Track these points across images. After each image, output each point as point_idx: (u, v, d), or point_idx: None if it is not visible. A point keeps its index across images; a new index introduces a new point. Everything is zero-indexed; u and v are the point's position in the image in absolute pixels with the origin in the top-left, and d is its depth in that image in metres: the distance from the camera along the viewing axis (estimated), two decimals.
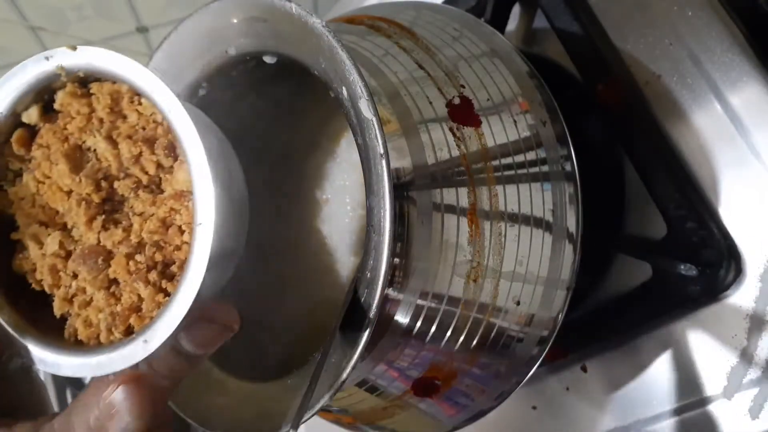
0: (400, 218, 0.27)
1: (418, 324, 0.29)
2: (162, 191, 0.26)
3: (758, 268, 0.33)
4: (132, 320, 0.25)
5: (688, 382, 0.35)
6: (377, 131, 0.25)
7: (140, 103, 0.26)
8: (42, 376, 0.30)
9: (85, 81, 0.26)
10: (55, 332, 0.26)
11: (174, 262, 0.25)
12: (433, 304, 0.29)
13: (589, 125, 0.39)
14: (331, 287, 0.41)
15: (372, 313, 0.25)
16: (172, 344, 0.24)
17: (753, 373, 0.33)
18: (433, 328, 0.29)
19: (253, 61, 0.33)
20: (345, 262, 0.41)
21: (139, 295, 0.25)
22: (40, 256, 0.27)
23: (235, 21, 0.31)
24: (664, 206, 0.35)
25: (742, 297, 0.33)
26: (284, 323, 0.40)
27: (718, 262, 0.33)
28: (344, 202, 0.41)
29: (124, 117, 0.26)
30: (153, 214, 0.26)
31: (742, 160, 0.33)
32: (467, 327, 0.30)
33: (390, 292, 0.28)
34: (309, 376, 0.27)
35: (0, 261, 0.27)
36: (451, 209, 0.29)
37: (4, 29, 0.59)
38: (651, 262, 0.36)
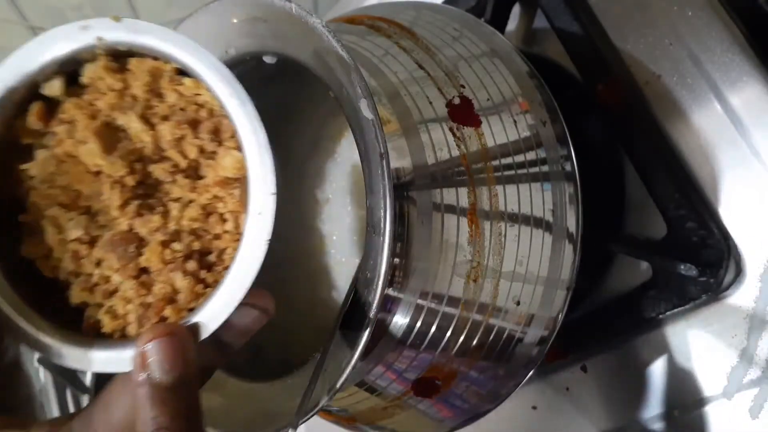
0: (400, 218, 0.27)
1: (418, 324, 0.29)
2: (200, 177, 0.25)
3: (758, 268, 0.33)
4: (167, 312, 0.24)
5: (688, 382, 0.35)
6: (377, 131, 0.25)
7: (181, 83, 0.24)
8: (42, 376, 0.29)
9: (118, 55, 0.25)
10: (65, 324, 0.25)
11: (211, 252, 0.24)
12: (433, 304, 0.29)
13: (589, 125, 0.39)
14: (332, 287, 0.41)
15: (372, 313, 0.25)
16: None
17: (753, 373, 0.33)
18: (433, 328, 0.29)
19: (253, 61, 0.33)
20: (345, 262, 0.41)
21: (173, 286, 0.24)
22: (58, 241, 0.24)
23: (235, 21, 0.31)
24: (664, 206, 0.35)
25: (742, 297, 0.33)
26: (284, 323, 0.40)
27: (718, 262, 0.33)
28: (345, 202, 0.41)
29: (161, 96, 0.25)
30: (192, 201, 0.24)
31: (742, 160, 0.33)
32: (467, 327, 0.30)
33: (390, 292, 0.28)
34: (309, 376, 0.27)
35: (1, 245, 0.25)
36: (451, 209, 0.29)
37: (4, 29, 0.59)
38: (651, 262, 0.36)
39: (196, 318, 0.23)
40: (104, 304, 0.24)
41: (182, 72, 0.24)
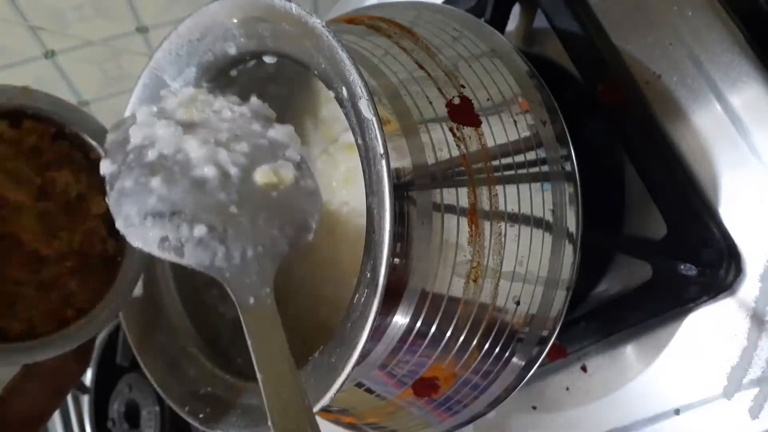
0: (400, 218, 0.27)
1: (418, 324, 0.29)
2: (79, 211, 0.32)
3: (758, 268, 0.33)
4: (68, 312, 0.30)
5: (688, 382, 0.35)
6: (377, 131, 0.25)
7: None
8: None
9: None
10: None
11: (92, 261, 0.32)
12: (432, 305, 0.29)
13: (589, 125, 0.39)
14: (332, 288, 0.41)
15: (372, 313, 0.25)
16: None
17: (753, 373, 0.33)
18: (433, 329, 0.29)
19: (253, 61, 0.33)
20: (345, 263, 0.41)
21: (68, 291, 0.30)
22: None
23: (235, 21, 0.31)
24: (664, 206, 0.35)
25: (742, 297, 0.33)
26: (284, 323, 0.39)
27: (718, 262, 0.33)
28: (345, 202, 0.41)
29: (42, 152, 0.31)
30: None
31: (742, 160, 0.33)
32: (467, 327, 0.30)
33: (390, 292, 0.28)
34: (309, 376, 0.27)
35: None
36: (451, 209, 0.29)
37: (4, 29, 0.59)
38: (651, 262, 0.36)
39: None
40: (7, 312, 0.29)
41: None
